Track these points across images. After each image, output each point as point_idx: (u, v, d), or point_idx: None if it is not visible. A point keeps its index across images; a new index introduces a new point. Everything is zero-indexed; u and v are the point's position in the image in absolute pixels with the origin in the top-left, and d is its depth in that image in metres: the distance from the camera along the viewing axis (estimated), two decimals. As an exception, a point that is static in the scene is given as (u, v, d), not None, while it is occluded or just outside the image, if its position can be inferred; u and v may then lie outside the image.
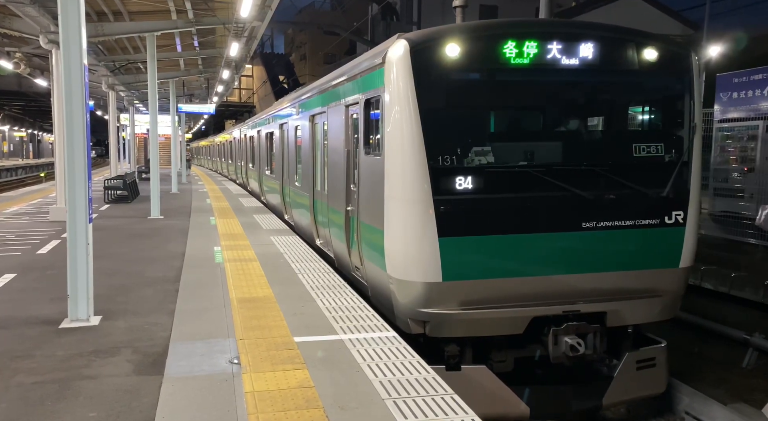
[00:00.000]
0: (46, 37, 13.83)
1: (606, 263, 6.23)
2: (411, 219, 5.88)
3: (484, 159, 6.01)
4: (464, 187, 5.86)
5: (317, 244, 10.19)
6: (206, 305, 6.50)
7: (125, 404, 4.13)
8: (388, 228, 6.16)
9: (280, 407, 4.03)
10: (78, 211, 5.91)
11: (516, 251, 6.00)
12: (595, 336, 6.18)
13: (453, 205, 5.85)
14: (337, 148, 8.43)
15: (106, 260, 9.06)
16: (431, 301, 5.91)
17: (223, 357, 4.95)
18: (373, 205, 6.58)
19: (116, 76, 23.77)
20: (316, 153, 10.11)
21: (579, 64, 6.17)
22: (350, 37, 39.88)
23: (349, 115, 7.87)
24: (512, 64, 6.02)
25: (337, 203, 8.43)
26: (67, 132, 5.87)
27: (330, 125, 8.94)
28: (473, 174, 5.89)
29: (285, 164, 13.44)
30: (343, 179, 8.02)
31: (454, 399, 4.14)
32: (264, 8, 14.01)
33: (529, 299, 6.08)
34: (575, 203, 6.09)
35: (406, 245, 5.97)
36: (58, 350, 5.18)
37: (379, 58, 6.42)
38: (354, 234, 7.57)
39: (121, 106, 33.12)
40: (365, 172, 7.02)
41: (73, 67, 5.82)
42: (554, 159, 6.34)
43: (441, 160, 5.85)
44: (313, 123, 10.24)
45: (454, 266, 5.85)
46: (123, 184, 19.08)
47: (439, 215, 5.78)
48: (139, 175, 28.27)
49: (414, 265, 5.92)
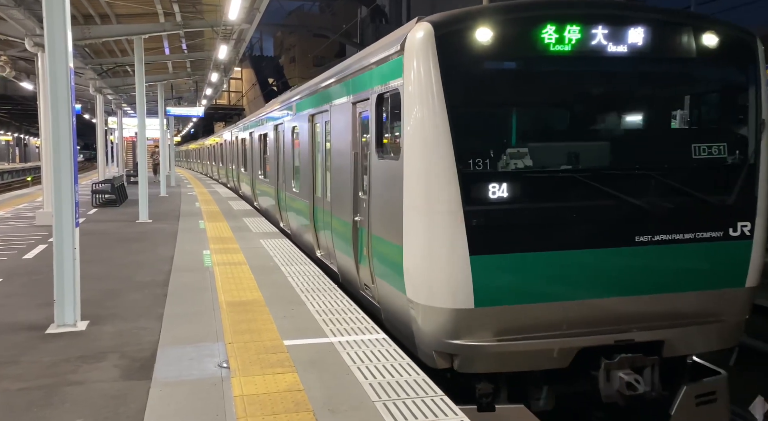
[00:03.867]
0: (31, 40, 13.72)
1: (663, 283, 5.38)
2: (437, 234, 5.05)
3: (522, 162, 5.20)
4: (500, 195, 5.06)
5: (318, 255, 9.45)
6: (195, 309, 6.46)
7: (112, 409, 4.09)
8: (408, 244, 5.33)
9: (269, 410, 4.01)
10: (64, 215, 5.86)
11: (560, 270, 5.16)
12: (653, 370, 5.28)
13: (487, 217, 5.03)
14: (341, 150, 7.67)
15: (93, 264, 8.98)
16: (461, 331, 5.07)
17: (212, 361, 4.91)
18: (389, 216, 5.79)
19: (104, 79, 23.62)
20: (317, 156, 9.38)
21: (629, 51, 5.35)
22: (339, 40, 39.90)
23: (356, 113, 7.10)
24: (552, 51, 5.21)
25: (342, 212, 7.65)
26: (53, 136, 5.82)
27: (333, 125, 8.14)
28: (510, 180, 5.08)
29: (281, 168, 12.76)
30: (349, 186, 7.24)
31: (444, 401, 4.14)
32: (252, 11, 13.99)
33: (575, 327, 5.23)
34: (627, 214, 5.28)
35: (430, 265, 5.13)
36: (45, 356, 5.12)
37: (395, 45, 5.57)
38: (363, 248, 6.76)
39: (109, 109, 32.90)
40: (378, 178, 6.20)
41: (59, 71, 5.77)
42: (601, 162, 5.51)
43: (472, 164, 5.05)
44: (313, 123, 9.55)
45: (489, 289, 5.02)
46: (111, 188, 18.96)
47: (471, 228, 4.96)
48: (128, 179, 28.10)
49: (440, 288, 5.07)
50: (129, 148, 45.42)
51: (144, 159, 16.10)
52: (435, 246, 5.08)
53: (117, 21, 15.70)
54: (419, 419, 3.88)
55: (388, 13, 38.68)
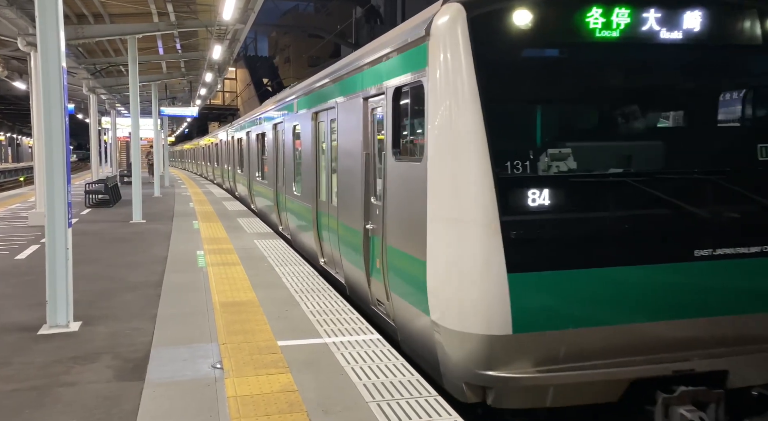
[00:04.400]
0: (24, 40, 13.66)
1: (727, 303, 4.70)
2: (469, 248, 4.41)
3: (568, 165, 4.58)
4: (543, 203, 4.42)
5: (321, 263, 8.82)
6: (189, 310, 6.44)
7: (105, 410, 4.07)
8: (433, 258, 4.71)
9: (263, 411, 4.00)
10: (57, 215, 5.83)
11: (610, 289, 4.52)
12: (718, 406, 4.53)
13: (528, 228, 4.39)
14: (350, 151, 7.03)
15: (86, 265, 8.94)
16: (496, 360, 4.39)
17: (206, 362, 4.90)
18: (409, 225, 5.22)
19: (97, 79, 23.54)
20: (321, 157, 8.77)
21: (686, 38, 4.73)
22: (334, 40, 39.91)
23: (368, 110, 6.48)
24: (600, 37, 4.61)
25: (350, 219, 7.02)
26: (46, 135, 5.79)
27: (341, 123, 7.46)
28: (554, 186, 4.46)
29: (280, 170, 12.13)
30: (359, 190, 6.61)
31: (438, 401, 4.14)
32: (247, 11, 13.97)
33: (627, 354, 4.54)
34: (686, 224, 4.64)
35: (460, 284, 4.47)
36: (37, 357, 5.09)
37: (418, 31, 4.92)
38: (376, 260, 6.14)
39: (103, 109, 32.78)
40: (395, 182, 5.56)
41: (52, 70, 5.74)
42: (655, 165, 4.88)
43: (510, 166, 4.42)
44: (317, 122, 8.92)
45: (529, 312, 4.37)
46: (104, 188, 18.89)
47: (509, 242, 4.31)
48: (121, 179, 28.00)
49: (473, 311, 4.41)
50: (123, 149, 45.26)
51: (138, 159, 16.04)
52: (466, 262, 4.44)
53: (110, 21, 15.64)
54: (413, 419, 3.88)
55: (383, 13, 38.72)
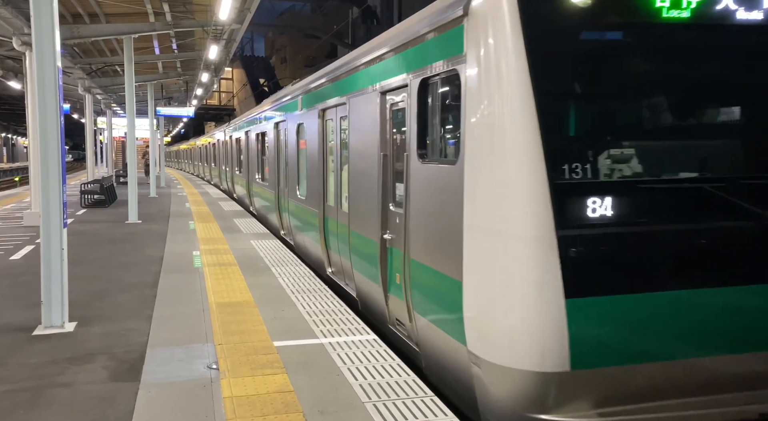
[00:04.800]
0: (19, 39, 13.62)
1: None
2: (517, 267, 3.75)
3: (636, 168, 3.95)
4: (608, 214, 3.77)
5: (328, 273, 8.27)
6: (184, 310, 6.43)
7: (100, 411, 4.06)
8: (470, 278, 4.09)
9: (258, 412, 3.99)
10: (52, 215, 5.81)
11: (689, 316, 3.86)
12: None
13: (590, 244, 3.73)
14: (363, 151, 6.43)
15: (82, 265, 8.92)
16: (551, 401, 3.75)
17: (202, 362, 4.89)
18: (439, 238, 4.59)
19: (93, 79, 23.48)
20: (328, 158, 8.23)
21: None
22: (331, 41, 39.91)
23: (386, 105, 5.89)
24: (677, 17, 3.98)
25: (364, 227, 6.42)
26: (41, 135, 5.77)
27: (352, 121, 6.84)
28: (623, 193, 3.83)
29: (282, 171, 11.53)
30: (375, 195, 6.03)
31: (434, 401, 4.14)
32: (243, 11, 13.96)
33: (706, 393, 3.91)
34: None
35: (507, 310, 3.81)
36: (31, 358, 5.08)
37: (454, 10, 4.22)
38: (396, 274, 5.57)
39: (99, 109, 32.72)
40: (421, 187, 4.94)
41: (47, 70, 5.73)
42: (734, 168, 4.22)
43: (569, 170, 3.79)
44: (324, 120, 8.32)
45: (591, 344, 3.72)
46: (100, 189, 18.85)
47: (568, 260, 3.66)
48: (117, 180, 27.94)
49: (522, 343, 3.74)
50: (118, 149, 45.17)
51: (133, 159, 16.00)
52: (514, 284, 3.76)
53: (106, 20, 15.61)
54: (409, 419, 3.88)
55: (380, 14, 38.73)
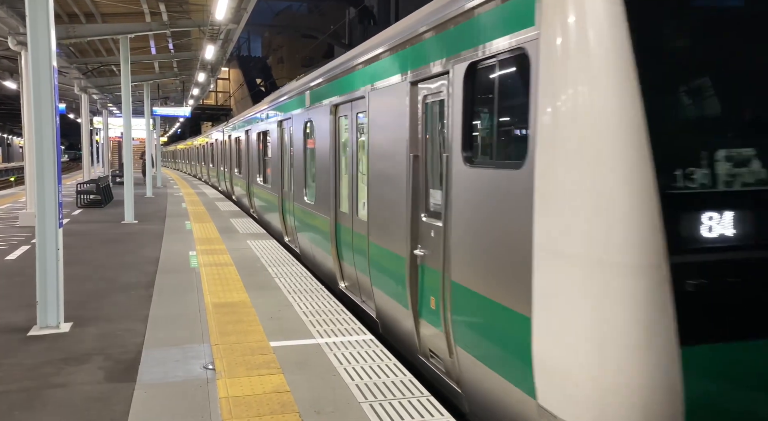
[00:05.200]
0: (14, 39, 13.58)
1: None
2: (615, 304, 2.92)
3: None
4: (738, 234, 2.95)
5: (341, 287, 7.57)
6: (181, 311, 6.41)
7: (96, 412, 4.04)
8: (545, 314, 3.25)
9: (255, 412, 3.99)
10: (47, 215, 5.79)
11: None
12: None
13: (714, 273, 2.92)
14: (387, 152, 5.68)
15: (77, 265, 8.89)
16: None
17: (198, 363, 4.88)
18: (496, 260, 3.76)
19: (89, 78, 23.42)
20: (342, 159, 7.54)
21: None
22: (328, 41, 39.90)
23: (417, 97, 5.09)
24: None
25: (387, 239, 5.68)
26: (36, 135, 5.75)
27: (374, 117, 6.07)
28: (758, 207, 3.03)
29: (287, 173, 10.85)
30: (402, 203, 5.27)
31: (430, 401, 4.14)
32: (239, 11, 13.94)
33: None
34: None
35: (599, 358, 2.98)
36: (27, 358, 5.05)
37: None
38: (431, 298, 4.79)
39: (95, 109, 32.62)
40: (467, 196, 4.10)
41: (42, 70, 5.71)
42: None
43: (682, 177, 2.95)
44: (337, 116, 7.63)
45: (713, 408, 2.95)
46: (96, 189, 18.80)
47: (684, 296, 2.86)
48: (113, 180, 27.88)
49: (621, 402, 2.94)
50: (115, 149, 45.05)
51: (130, 159, 15.97)
52: (610, 326, 2.93)
53: (102, 20, 15.57)
54: (405, 419, 3.88)
55: (377, 14, 38.72)
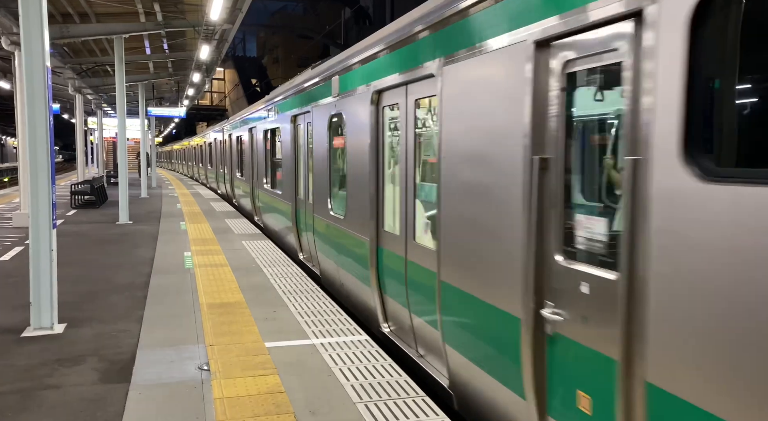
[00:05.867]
0: (8, 39, 13.52)
1: None
2: None
3: None
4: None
5: (385, 331, 5.97)
6: (175, 312, 6.40)
7: (90, 413, 4.03)
8: None
9: (250, 413, 3.98)
10: (41, 216, 5.77)
11: None
12: None
13: None
14: (479, 153, 3.92)
15: (72, 266, 8.86)
16: None
17: (193, 364, 4.87)
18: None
19: (83, 79, 23.32)
20: (385, 163, 5.97)
21: None
22: (323, 41, 39.87)
23: (547, 66, 3.26)
24: None
25: (482, 285, 3.92)
26: (30, 136, 5.73)
27: (448, 104, 4.32)
28: None
29: (302, 177, 9.40)
30: (515, 232, 3.52)
31: (426, 401, 4.14)
32: (234, 11, 13.90)
33: None
34: None
35: None
36: (20, 360, 5.03)
37: None
38: (575, 392, 3.13)
39: (89, 109, 32.49)
40: (701, 235, 2.33)
41: (36, 70, 5.69)
42: None
43: None
44: (380, 107, 5.95)
45: None
46: (90, 189, 18.73)
47: None
48: (108, 180, 27.79)
49: None
50: (109, 149, 44.89)
51: (124, 160, 15.91)
52: None
53: (97, 20, 15.51)
54: (401, 419, 3.88)
55: (372, 14, 38.74)
